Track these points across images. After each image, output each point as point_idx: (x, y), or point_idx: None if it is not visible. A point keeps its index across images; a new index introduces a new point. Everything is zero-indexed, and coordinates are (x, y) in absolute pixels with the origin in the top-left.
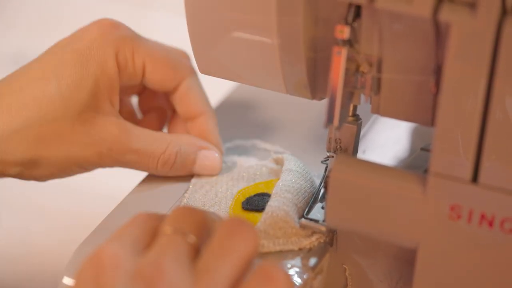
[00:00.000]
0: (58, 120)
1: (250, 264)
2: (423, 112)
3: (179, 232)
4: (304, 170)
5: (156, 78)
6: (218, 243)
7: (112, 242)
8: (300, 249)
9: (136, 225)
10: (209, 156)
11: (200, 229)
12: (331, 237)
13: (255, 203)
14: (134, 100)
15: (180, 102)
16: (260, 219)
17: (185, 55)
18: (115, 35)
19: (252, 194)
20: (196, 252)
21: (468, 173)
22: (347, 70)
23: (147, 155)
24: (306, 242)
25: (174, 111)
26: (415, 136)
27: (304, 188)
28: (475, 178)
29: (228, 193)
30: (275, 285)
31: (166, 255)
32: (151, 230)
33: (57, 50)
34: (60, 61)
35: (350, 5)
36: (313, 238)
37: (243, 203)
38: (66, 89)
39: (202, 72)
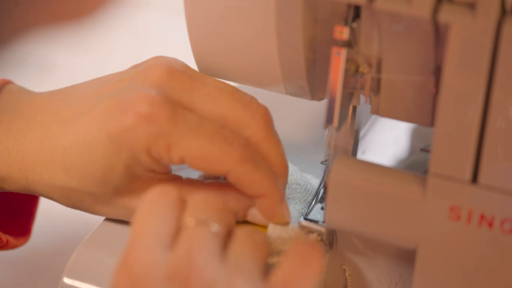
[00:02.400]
0: (92, 191)
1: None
2: (423, 113)
3: (202, 223)
4: (296, 179)
5: (199, 170)
6: (245, 238)
7: (138, 245)
8: None
9: (155, 216)
10: (258, 216)
11: (222, 216)
12: (331, 239)
13: None
14: None
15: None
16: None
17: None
18: (147, 130)
19: None
20: (222, 240)
21: (467, 173)
22: (346, 70)
23: None
24: (314, 235)
25: None
26: (415, 137)
27: (296, 199)
28: (474, 178)
29: None
30: (310, 265)
31: (195, 250)
32: (172, 219)
33: (99, 119)
34: (94, 140)
35: (349, 5)
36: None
37: None
38: (97, 171)
39: (202, 73)
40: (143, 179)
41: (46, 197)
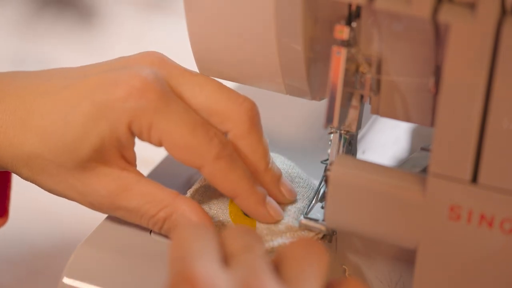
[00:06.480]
0: (59, 160)
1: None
2: (423, 113)
3: (248, 248)
4: (290, 170)
5: (174, 156)
6: (296, 266)
7: (197, 260)
8: None
9: (203, 239)
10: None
11: (261, 241)
12: (330, 236)
13: None
14: None
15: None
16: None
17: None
18: (136, 103)
19: None
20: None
21: (467, 173)
22: (346, 70)
23: (138, 215)
24: (312, 234)
25: None
26: (415, 136)
27: (299, 194)
28: (474, 178)
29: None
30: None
31: (261, 274)
32: (218, 244)
33: (85, 89)
34: (77, 106)
35: (349, 5)
36: (312, 234)
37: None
38: (70, 138)
39: (202, 73)
40: (108, 166)
41: (9, 168)
